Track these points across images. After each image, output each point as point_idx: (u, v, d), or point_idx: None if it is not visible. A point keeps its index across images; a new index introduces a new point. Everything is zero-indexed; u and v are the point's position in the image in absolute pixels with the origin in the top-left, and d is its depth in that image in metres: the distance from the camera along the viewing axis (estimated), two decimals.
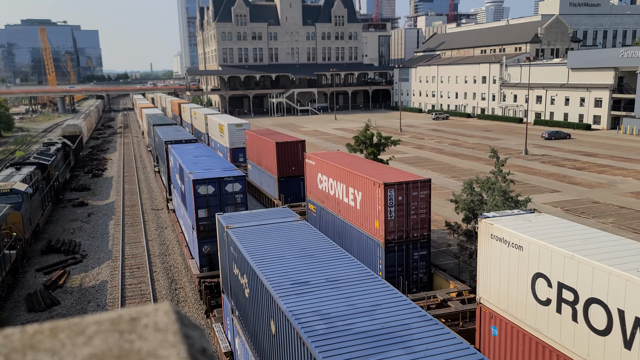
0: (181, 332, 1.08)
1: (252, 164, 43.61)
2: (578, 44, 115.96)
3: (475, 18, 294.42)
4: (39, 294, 25.85)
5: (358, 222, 23.39)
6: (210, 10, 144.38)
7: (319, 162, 27.96)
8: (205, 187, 23.25)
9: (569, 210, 38.42)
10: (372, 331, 9.26)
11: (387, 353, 8.51)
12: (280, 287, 11.41)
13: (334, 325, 9.56)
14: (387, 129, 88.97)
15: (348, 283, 11.46)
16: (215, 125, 57.95)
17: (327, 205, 26.92)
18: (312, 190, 29.26)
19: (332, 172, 25.99)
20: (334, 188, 25.84)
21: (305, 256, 13.26)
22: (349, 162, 26.67)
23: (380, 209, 21.18)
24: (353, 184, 23.53)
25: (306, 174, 30.17)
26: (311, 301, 10.62)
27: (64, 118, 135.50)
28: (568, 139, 75.41)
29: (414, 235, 21.75)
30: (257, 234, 15.32)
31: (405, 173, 23.64)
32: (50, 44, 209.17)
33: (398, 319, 9.69)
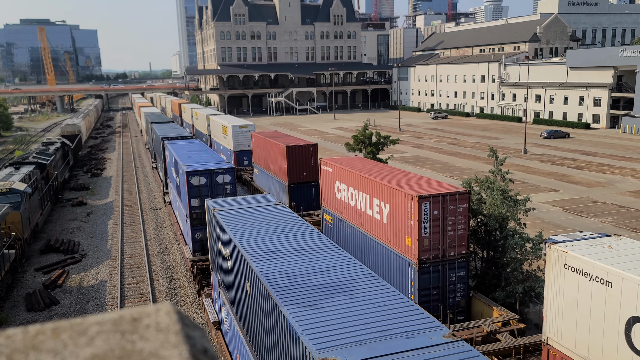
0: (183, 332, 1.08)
1: (259, 169, 40.66)
2: (577, 43, 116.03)
3: (474, 17, 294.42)
4: (38, 293, 25.84)
5: (385, 238, 20.95)
6: (209, 10, 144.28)
7: (337, 169, 25.42)
8: (197, 178, 25.22)
9: (568, 210, 38.46)
10: (325, 285, 11.46)
11: (333, 298, 10.75)
12: (255, 254, 13.57)
13: (295, 281, 11.75)
14: (386, 128, 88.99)
15: (311, 251, 13.70)
16: (218, 127, 55.07)
17: (346, 216, 24.64)
18: (329, 199, 26.69)
19: (353, 181, 23.63)
20: (355, 198, 23.48)
21: (279, 232, 15.47)
22: (371, 169, 24.14)
23: (412, 224, 18.85)
24: (379, 194, 21.20)
25: (322, 181, 27.44)
26: (279, 264, 12.80)
27: (62, 117, 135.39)
28: (567, 138, 75.47)
29: (451, 254, 19.31)
30: (240, 215, 17.53)
31: (440, 183, 20.97)
32: (49, 44, 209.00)
33: (347, 276, 11.94)
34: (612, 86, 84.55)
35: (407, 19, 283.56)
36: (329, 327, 9.67)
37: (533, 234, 22.78)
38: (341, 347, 8.95)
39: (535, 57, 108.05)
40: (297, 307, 10.47)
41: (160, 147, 41.47)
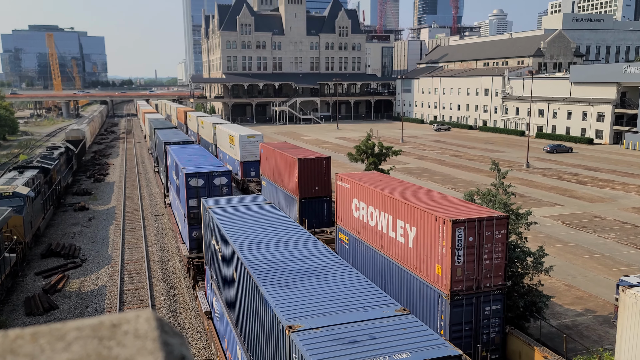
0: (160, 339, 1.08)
1: (267, 181, 38.66)
2: (581, 59, 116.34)
3: (479, 31, 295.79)
4: (38, 297, 25.83)
5: (410, 264, 19.23)
6: (215, 19, 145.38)
7: (355, 186, 23.64)
8: (196, 180, 26.42)
9: (570, 224, 38.35)
10: (301, 270, 13.05)
11: (306, 280, 12.43)
12: (241, 245, 14.98)
13: (275, 267, 13.25)
14: (389, 139, 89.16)
15: (292, 243, 15.22)
16: (224, 136, 53.21)
17: (364, 237, 22.85)
18: (345, 217, 24.89)
19: (373, 199, 21.81)
20: (376, 218, 21.68)
21: (265, 227, 16.90)
22: (394, 187, 22.23)
23: (444, 251, 17.11)
24: (404, 216, 19.46)
25: (337, 197, 25.55)
26: (262, 253, 14.27)
27: (67, 123, 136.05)
28: (570, 153, 75.42)
29: (486, 286, 17.54)
30: (232, 212, 18.82)
31: (472, 206, 19.14)
32: (56, 50, 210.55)
33: (321, 264, 13.46)
34: (616, 102, 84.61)
35: (412, 32, 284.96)
36: (298, 302, 11.29)
37: (534, 248, 22.72)
38: (307, 317, 10.54)
39: (538, 72, 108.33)
40: (274, 287, 12.06)
41: (163, 151, 42.64)
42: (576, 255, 31.88)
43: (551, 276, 25.57)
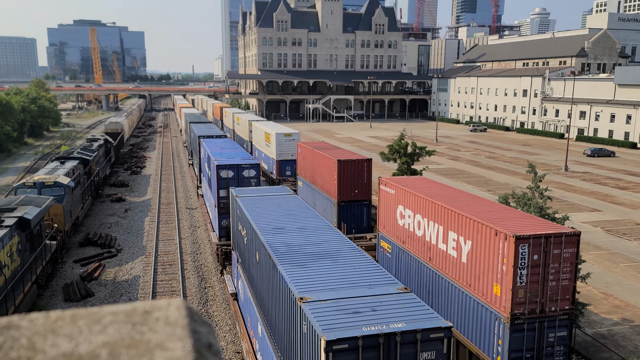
0: (190, 326, 1.14)
1: (304, 182, 37.62)
2: (626, 60, 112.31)
3: (519, 30, 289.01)
4: (75, 284, 26.71)
5: (463, 281, 17.86)
6: (252, 15, 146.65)
7: (400, 192, 22.29)
8: (226, 172, 27.77)
9: (610, 231, 37.16)
10: (316, 253, 14.30)
11: (319, 262, 13.65)
12: (264, 230, 16.26)
13: (293, 249, 14.54)
14: (423, 139, 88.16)
15: (311, 230, 16.40)
16: (260, 134, 52.54)
17: (410, 247, 21.65)
18: (388, 225, 23.71)
19: (422, 207, 20.54)
20: (424, 228, 20.40)
21: (288, 215, 18.07)
22: (445, 194, 20.82)
23: (505, 269, 15.71)
24: (457, 227, 18.20)
25: (380, 203, 24.32)
26: (282, 238, 15.53)
27: (107, 115, 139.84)
28: (612, 157, 72.99)
29: (551, 310, 15.97)
30: (257, 200, 20.10)
31: (535, 219, 17.46)
32: (99, 44, 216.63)
33: (335, 248, 14.70)
34: None
35: (450, 30, 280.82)
36: (310, 279, 12.54)
37: None
38: (317, 291, 11.85)
39: (581, 73, 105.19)
40: (290, 266, 13.36)
41: (197, 144, 44.29)
42: (615, 263, 30.88)
43: (588, 284, 24.85)
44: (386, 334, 10.37)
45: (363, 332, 10.31)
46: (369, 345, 10.32)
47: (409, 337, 10.50)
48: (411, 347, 10.56)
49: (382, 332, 10.33)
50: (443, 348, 10.73)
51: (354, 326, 10.45)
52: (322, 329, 10.31)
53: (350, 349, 10.20)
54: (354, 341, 10.20)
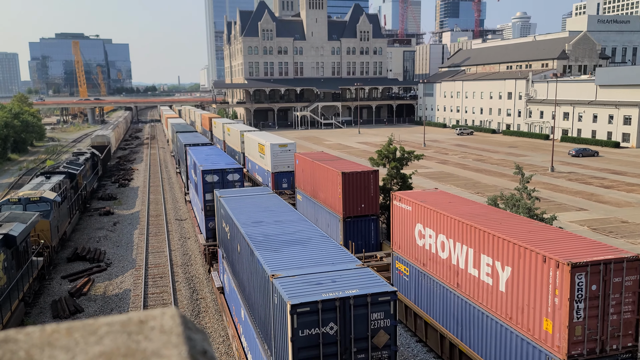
0: (184, 334, 1.16)
1: (304, 195, 35.60)
2: (607, 61, 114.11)
3: (502, 34, 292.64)
4: (64, 301, 26.35)
5: (501, 312, 15.80)
6: (237, 25, 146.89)
7: (418, 208, 20.16)
8: (211, 176, 29.30)
9: (596, 230, 37.57)
10: (289, 240, 15.97)
11: (292, 247, 15.41)
12: (244, 224, 17.89)
13: (268, 238, 16.26)
14: (411, 143, 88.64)
15: (287, 222, 18.07)
16: (253, 145, 50.45)
17: (432, 270, 19.63)
18: (404, 245, 21.65)
19: (446, 226, 18.46)
20: (449, 250, 18.31)
21: (266, 211, 19.74)
22: (470, 211, 18.59)
23: (557, 303, 13.66)
24: (492, 250, 16.01)
25: (394, 221, 22.37)
26: (260, 229, 17.25)
27: (93, 129, 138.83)
28: (596, 157, 73.95)
29: (613, 348, 14.03)
30: (239, 199, 21.73)
31: (588, 242, 15.13)
32: (82, 57, 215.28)
33: (307, 236, 16.43)
34: None
35: (434, 36, 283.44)
36: (282, 261, 14.26)
37: None
38: (286, 269, 13.66)
39: (563, 75, 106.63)
40: (265, 251, 15.10)
41: (184, 152, 45.49)
42: None
43: None
44: (341, 298, 12.28)
45: (322, 297, 12.20)
46: (327, 308, 12.25)
47: (360, 300, 12.40)
48: (363, 308, 12.47)
49: (338, 297, 12.24)
50: (390, 309, 12.67)
51: (315, 293, 12.34)
52: (289, 296, 12.11)
53: (312, 311, 12.11)
54: (315, 305, 12.09)
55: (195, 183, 34.09)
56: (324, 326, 12.31)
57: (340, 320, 12.39)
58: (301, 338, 12.17)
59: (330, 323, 12.36)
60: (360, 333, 12.66)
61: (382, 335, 12.86)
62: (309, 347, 12.32)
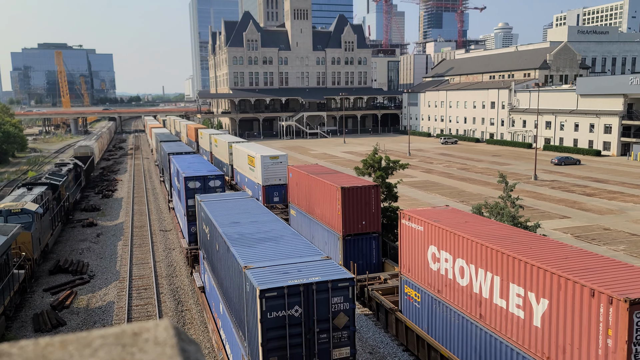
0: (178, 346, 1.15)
1: (298, 210, 34.00)
2: (587, 71, 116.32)
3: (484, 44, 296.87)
4: (46, 314, 25.87)
5: (536, 350, 14.01)
6: (222, 35, 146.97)
7: (432, 229, 18.45)
8: (193, 183, 30.33)
9: (579, 237, 38.04)
10: (263, 238, 17.31)
11: (265, 243, 16.78)
12: (222, 224, 19.23)
13: (244, 236, 17.61)
14: (396, 152, 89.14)
15: (261, 222, 19.52)
16: (242, 156, 49.10)
17: (448, 298, 17.81)
18: (414, 268, 19.89)
19: (465, 250, 16.63)
20: (469, 276, 16.51)
21: (243, 213, 21.09)
22: (493, 233, 16.76)
23: (612, 345, 11.74)
24: (523, 279, 14.19)
25: (403, 241, 20.64)
26: (237, 229, 18.58)
27: (76, 139, 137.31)
28: (578, 165, 75.07)
29: None
30: (218, 203, 23.08)
31: (632, 269, 13.37)
32: (65, 67, 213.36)
33: (279, 234, 17.78)
34: (623, 114, 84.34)
35: (418, 46, 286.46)
36: (255, 255, 15.61)
37: None
38: (258, 262, 14.98)
39: (545, 84, 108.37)
40: (240, 247, 16.43)
41: (167, 161, 46.10)
42: None
43: None
44: (305, 284, 13.68)
45: (288, 283, 13.59)
46: (292, 293, 13.62)
47: (322, 286, 13.84)
48: (324, 293, 13.93)
49: (302, 283, 13.64)
50: (349, 294, 14.16)
51: (282, 280, 13.73)
52: (258, 283, 13.50)
53: (279, 295, 13.53)
54: (281, 290, 13.50)
55: (178, 190, 34.92)
56: (290, 309, 13.72)
57: (304, 303, 13.80)
58: (269, 320, 13.57)
59: (295, 306, 13.76)
60: (322, 315, 14.10)
61: (342, 317, 14.31)
62: (276, 327, 13.68)
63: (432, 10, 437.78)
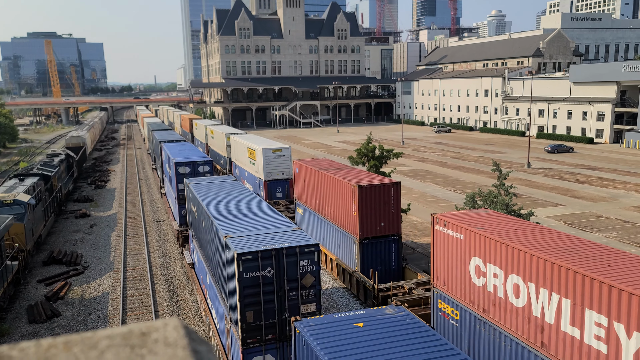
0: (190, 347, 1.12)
1: (306, 209, 31.69)
2: (580, 58, 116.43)
3: (478, 32, 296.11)
4: (40, 305, 25.79)
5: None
6: (214, 24, 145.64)
7: (476, 238, 15.99)
8: (183, 168, 32.58)
9: (572, 224, 38.30)
10: (243, 214, 19.79)
11: (244, 218, 19.21)
12: (208, 202, 21.62)
13: (227, 212, 20.03)
14: (390, 141, 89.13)
15: (243, 201, 21.85)
16: (241, 149, 46.95)
17: (497, 319, 15.31)
18: (452, 281, 17.44)
19: (521, 264, 14.21)
20: (527, 296, 14.03)
21: (227, 194, 23.37)
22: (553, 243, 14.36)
23: None
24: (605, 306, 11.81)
25: (436, 249, 18.18)
26: (220, 206, 20.98)
27: (67, 129, 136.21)
28: (571, 153, 75.39)
29: None
30: (205, 185, 25.50)
31: None
32: (55, 57, 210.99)
33: (258, 211, 20.24)
34: (616, 101, 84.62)
35: (411, 34, 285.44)
36: (235, 227, 18.03)
37: None
38: (237, 232, 17.42)
39: (538, 72, 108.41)
40: (222, 221, 18.81)
41: (159, 148, 48.23)
42: None
43: None
44: (276, 249, 15.94)
45: (261, 248, 15.88)
46: (265, 257, 15.86)
47: (291, 250, 16.06)
48: (293, 257, 16.16)
49: (274, 248, 15.93)
50: (314, 258, 16.29)
51: (256, 246, 16.02)
52: (236, 248, 15.77)
53: (253, 259, 15.78)
54: (255, 254, 15.75)
55: (169, 175, 37.01)
56: (263, 270, 15.95)
57: (276, 265, 16.02)
58: (246, 279, 15.75)
59: (268, 268, 15.95)
60: (291, 276, 16.25)
61: (309, 278, 16.34)
62: (252, 286, 15.88)
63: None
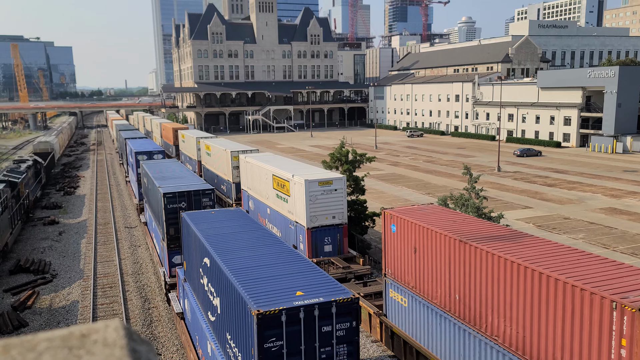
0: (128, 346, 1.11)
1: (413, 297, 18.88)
2: (547, 64, 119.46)
3: (449, 38, 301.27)
4: (7, 315, 25.06)
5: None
6: (186, 28, 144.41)
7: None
8: (142, 156, 42.61)
9: (541, 226, 39.19)
10: (175, 177, 28.29)
11: (175, 178, 28.05)
12: (153, 173, 28.96)
13: (165, 177, 28.33)
14: (363, 146, 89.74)
15: (178, 172, 29.46)
16: (260, 176, 33.57)
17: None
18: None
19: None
20: None
21: (168, 170, 29.94)
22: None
23: None
24: None
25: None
26: (161, 175, 28.49)
27: (35, 135, 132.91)
28: (539, 156, 77.19)
29: None
30: (154, 164, 32.66)
31: None
32: (22, 60, 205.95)
33: (183, 175, 29.37)
34: (581, 106, 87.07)
35: (383, 39, 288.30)
36: (168, 183, 25.30)
37: None
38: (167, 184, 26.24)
39: (507, 77, 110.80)
40: (159, 180, 24.88)
41: (124, 144, 57.87)
42: None
43: None
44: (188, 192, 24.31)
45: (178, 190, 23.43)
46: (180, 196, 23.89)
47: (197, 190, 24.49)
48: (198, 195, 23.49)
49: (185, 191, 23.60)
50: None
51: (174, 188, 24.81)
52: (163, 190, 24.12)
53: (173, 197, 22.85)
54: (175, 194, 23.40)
55: (131, 164, 46.91)
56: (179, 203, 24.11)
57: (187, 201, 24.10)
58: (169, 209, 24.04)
59: (182, 202, 24.02)
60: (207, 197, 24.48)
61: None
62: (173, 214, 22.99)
63: (397, 3, 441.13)
